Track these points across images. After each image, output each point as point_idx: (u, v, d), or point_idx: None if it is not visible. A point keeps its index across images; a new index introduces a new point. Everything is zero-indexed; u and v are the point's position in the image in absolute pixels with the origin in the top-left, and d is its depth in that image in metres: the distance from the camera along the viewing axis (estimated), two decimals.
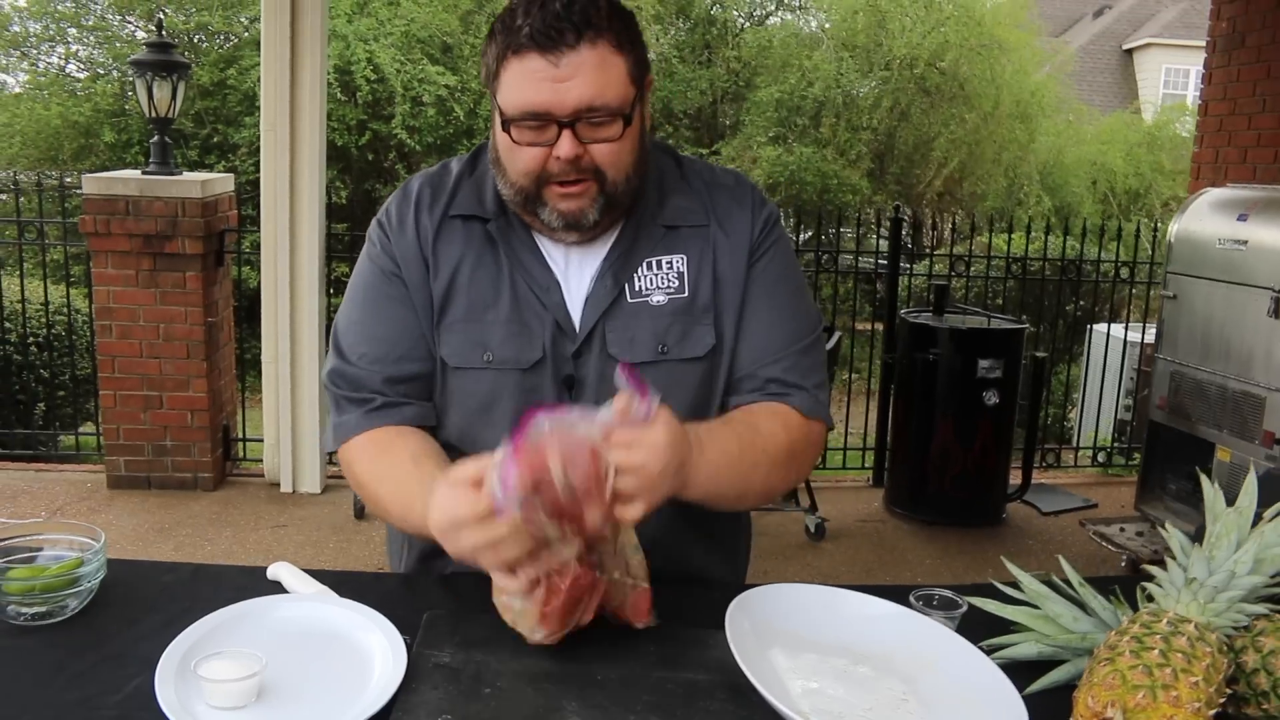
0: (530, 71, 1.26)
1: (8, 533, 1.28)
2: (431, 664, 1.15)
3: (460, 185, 1.44)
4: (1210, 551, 1.16)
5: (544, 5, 1.26)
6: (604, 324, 1.39)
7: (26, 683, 1.10)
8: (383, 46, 10.35)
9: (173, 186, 4.56)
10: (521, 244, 1.41)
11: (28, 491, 4.73)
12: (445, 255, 1.41)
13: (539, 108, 1.26)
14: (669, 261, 1.42)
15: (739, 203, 1.47)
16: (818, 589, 1.33)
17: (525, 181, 1.32)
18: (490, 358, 1.39)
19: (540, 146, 1.29)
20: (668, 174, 1.47)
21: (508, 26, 1.28)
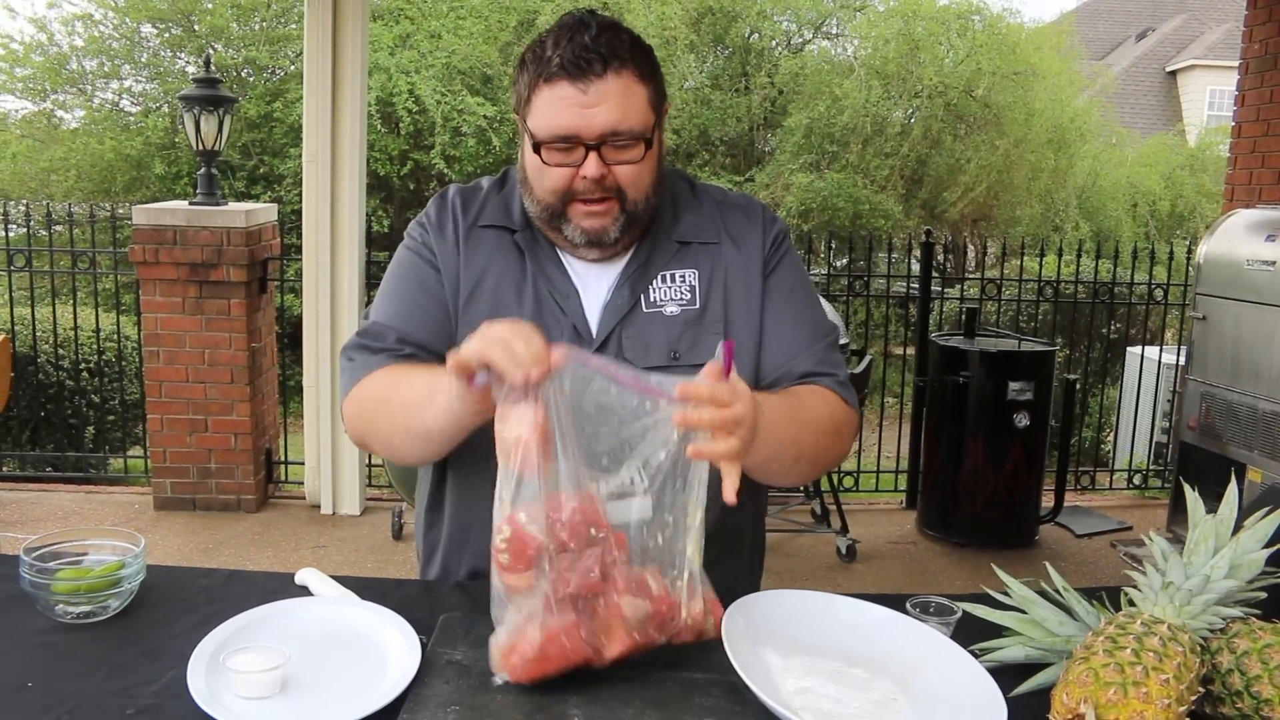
0: (561, 98, 1.37)
1: (56, 539, 1.37)
2: (444, 661, 1.23)
3: (489, 199, 1.56)
4: (1188, 557, 1.21)
5: (573, 38, 1.37)
6: (620, 330, 1.48)
7: (71, 674, 1.18)
8: (424, 78, 10.56)
9: (218, 216, 4.70)
10: (545, 255, 1.51)
11: (78, 513, 4.88)
12: (473, 260, 1.51)
13: (568, 131, 1.38)
14: (682, 275, 1.52)
15: (750, 220, 1.58)
16: (813, 594, 1.39)
17: (552, 199, 1.43)
18: None
19: (568, 167, 1.40)
20: (681, 195, 1.58)
21: (539, 57, 1.39)
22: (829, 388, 1.52)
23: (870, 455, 5.74)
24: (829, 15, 13.14)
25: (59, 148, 11.33)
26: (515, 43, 11.21)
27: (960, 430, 4.70)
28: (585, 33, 1.38)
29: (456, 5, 11.32)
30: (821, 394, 1.51)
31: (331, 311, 4.76)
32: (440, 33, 10.98)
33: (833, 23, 13.43)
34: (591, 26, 1.39)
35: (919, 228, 8.32)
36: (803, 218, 11.37)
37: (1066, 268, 6.17)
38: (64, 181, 11.10)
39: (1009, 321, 6.21)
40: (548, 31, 1.42)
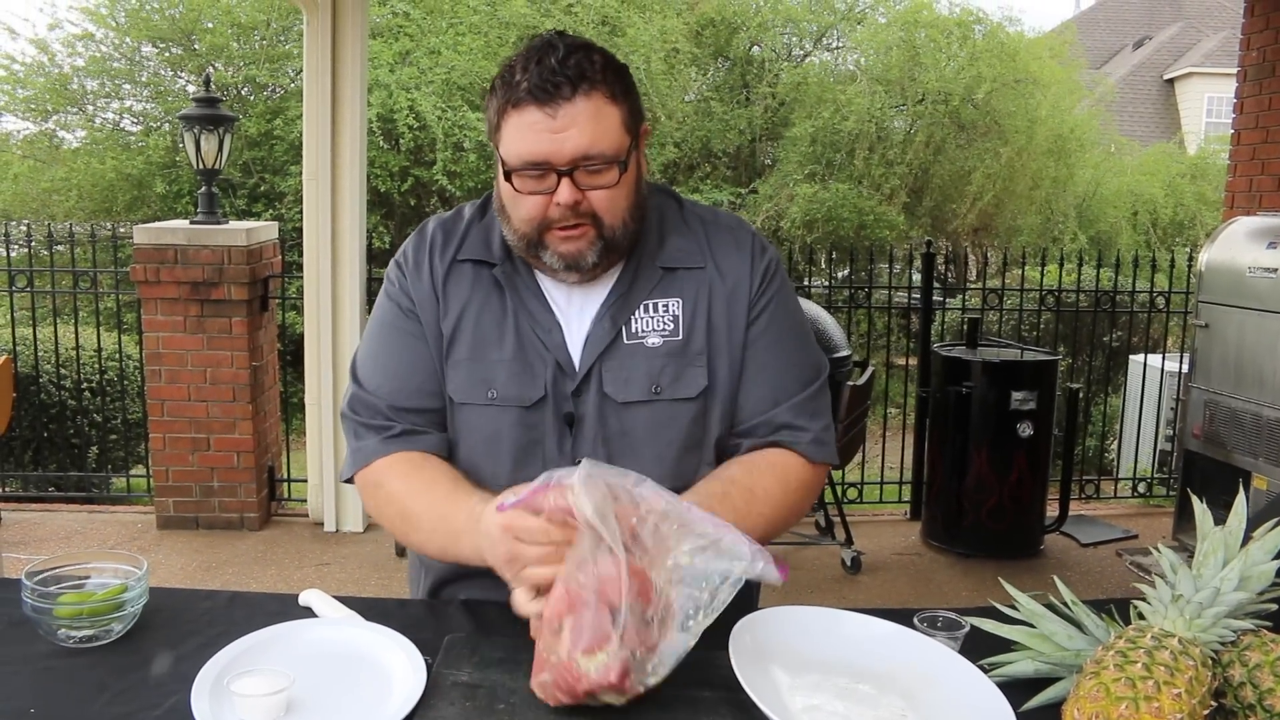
0: (529, 124, 1.34)
1: (58, 563, 1.36)
2: (450, 682, 1.22)
3: (470, 230, 1.52)
4: (1198, 570, 1.20)
5: (540, 61, 1.34)
6: (601, 364, 1.45)
7: (73, 699, 1.17)
8: (424, 94, 10.58)
9: (219, 235, 4.71)
10: (526, 287, 1.48)
11: (81, 532, 4.87)
12: (454, 296, 1.49)
13: (538, 157, 1.34)
14: (665, 305, 1.48)
15: (739, 247, 1.52)
16: (820, 610, 1.38)
17: (527, 228, 1.40)
18: (494, 395, 1.45)
19: (541, 195, 1.37)
20: (669, 215, 1.53)
21: (507, 82, 1.36)
22: (798, 450, 1.50)
23: (874, 467, 5.73)
24: (829, 28, 13.17)
25: (60, 168, 11.34)
26: None
27: (964, 440, 4.69)
28: (553, 55, 1.34)
29: (456, 22, 11.35)
30: (782, 470, 1.49)
31: (333, 328, 4.76)
32: (440, 49, 11.00)
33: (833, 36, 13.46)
34: (559, 48, 1.35)
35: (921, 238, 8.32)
36: (807, 228, 11.37)
37: (1068, 277, 6.17)
38: (65, 201, 11.11)
39: (1010, 331, 6.20)
40: (516, 55, 1.38)
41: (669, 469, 1.45)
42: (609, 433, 1.45)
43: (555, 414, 1.45)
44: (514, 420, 1.45)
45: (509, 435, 1.46)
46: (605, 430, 1.45)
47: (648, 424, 1.45)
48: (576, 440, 1.45)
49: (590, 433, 1.45)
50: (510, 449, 1.46)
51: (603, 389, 1.45)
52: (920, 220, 12.11)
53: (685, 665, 1.25)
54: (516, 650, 1.29)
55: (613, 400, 1.45)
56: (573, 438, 1.45)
